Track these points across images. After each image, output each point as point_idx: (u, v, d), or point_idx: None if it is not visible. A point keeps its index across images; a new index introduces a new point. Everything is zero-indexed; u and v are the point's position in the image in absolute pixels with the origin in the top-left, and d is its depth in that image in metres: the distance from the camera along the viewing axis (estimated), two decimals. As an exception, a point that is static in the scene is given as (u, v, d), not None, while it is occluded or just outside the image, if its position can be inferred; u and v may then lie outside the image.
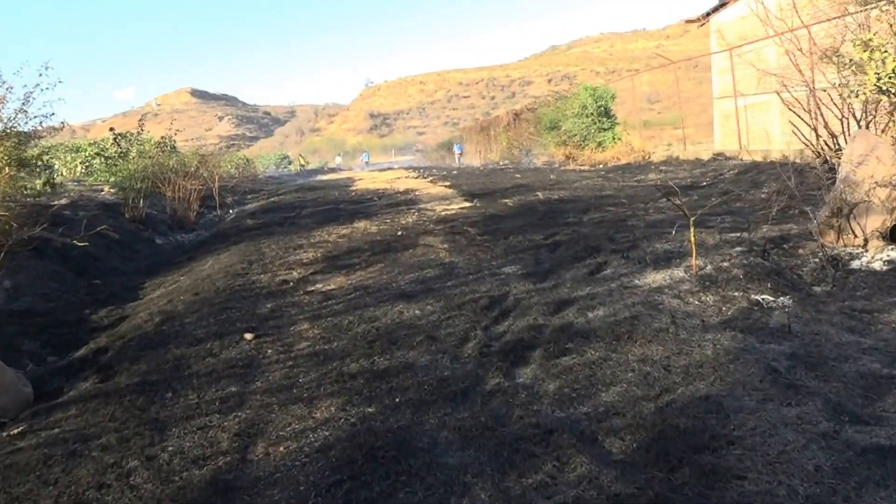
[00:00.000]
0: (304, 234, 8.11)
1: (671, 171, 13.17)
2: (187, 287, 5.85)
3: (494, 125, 33.47)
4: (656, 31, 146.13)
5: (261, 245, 7.48)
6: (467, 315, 4.32)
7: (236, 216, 11.62)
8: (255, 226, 9.27)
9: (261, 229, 8.81)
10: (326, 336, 4.14)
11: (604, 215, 7.72)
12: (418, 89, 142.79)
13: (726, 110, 18.44)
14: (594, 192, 10.39)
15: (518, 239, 6.51)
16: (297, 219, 9.67)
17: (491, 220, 7.77)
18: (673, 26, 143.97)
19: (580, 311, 4.21)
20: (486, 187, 12.02)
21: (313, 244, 7.21)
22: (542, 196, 9.79)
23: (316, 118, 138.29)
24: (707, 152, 15.27)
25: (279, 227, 8.80)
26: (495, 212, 8.50)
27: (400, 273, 5.49)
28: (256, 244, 7.58)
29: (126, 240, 9.25)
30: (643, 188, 10.83)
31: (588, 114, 19.42)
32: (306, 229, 8.46)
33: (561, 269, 5.32)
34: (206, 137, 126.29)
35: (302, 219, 9.63)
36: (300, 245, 7.24)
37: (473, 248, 6.20)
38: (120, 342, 4.57)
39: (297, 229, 8.55)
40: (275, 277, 5.75)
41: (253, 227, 9.09)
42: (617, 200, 9.17)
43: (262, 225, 9.26)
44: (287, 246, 7.26)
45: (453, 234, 6.97)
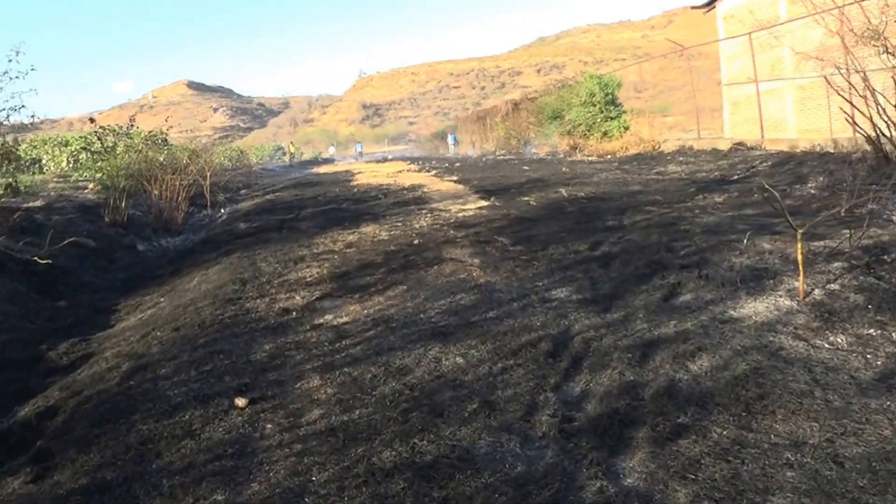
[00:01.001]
0: (306, 241, 6.95)
1: (691, 162, 12.07)
2: (167, 316, 4.70)
3: (491, 115, 32.22)
4: (641, 21, 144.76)
5: (256, 256, 6.32)
6: (527, 365, 3.21)
7: (228, 217, 10.41)
8: (249, 230, 8.08)
9: (255, 235, 7.63)
10: (345, 399, 3.01)
11: (646, 217, 6.61)
12: (410, 80, 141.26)
13: (736, 98, 17.33)
14: (619, 187, 9.28)
15: (559, 250, 5.38)
16: (296, 221, 8.50)
17: (518, 225, 6.64)
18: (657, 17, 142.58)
19: (677, 361, 3.10)
20: (499, 182, 10.87)
21: (317, 256, 6.05)
22: (565, 193, 8.66)
23: (309, 109, 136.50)
24: (724, 142, 14.17)
25: (276, 233, 7.63)
26: (520, 213, 7.37)
27: (427, 299, 4.35)
28: (251, 255, 6.41)
29: (104, 247, 8.05)
30: (670, 181, 9.73)
31: (595, 102, 18.26)
32: (307, 235, 7.30)
33: (625, 292, 4.21)
34: (200, 129, 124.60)
35: (301, 221, 8.45)
36: (302, 257, 6.08)
37: (510, 263, 5.07)
38: (74, 400, 3.42)
39: (297, 235, 7.38)
40: (273, 304, 4.60)
41: (247, 233, 7.91)
42: (650, 197, 8.07)
43: (257, 230, 8.07)
44: (286, 258, 6.10)
45: (480, 244, 5.83)
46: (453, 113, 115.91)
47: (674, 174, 10.71)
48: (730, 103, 17.53)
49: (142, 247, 8.75)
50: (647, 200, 7.80)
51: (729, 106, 17.55)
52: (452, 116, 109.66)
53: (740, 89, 17.00)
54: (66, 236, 7.97)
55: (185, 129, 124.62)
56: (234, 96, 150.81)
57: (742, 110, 17.06)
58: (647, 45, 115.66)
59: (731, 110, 17.48)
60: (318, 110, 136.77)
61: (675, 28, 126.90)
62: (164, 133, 27.38)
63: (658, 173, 11.03)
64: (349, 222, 7.95)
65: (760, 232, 5.43)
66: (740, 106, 17.13)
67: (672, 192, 8.51)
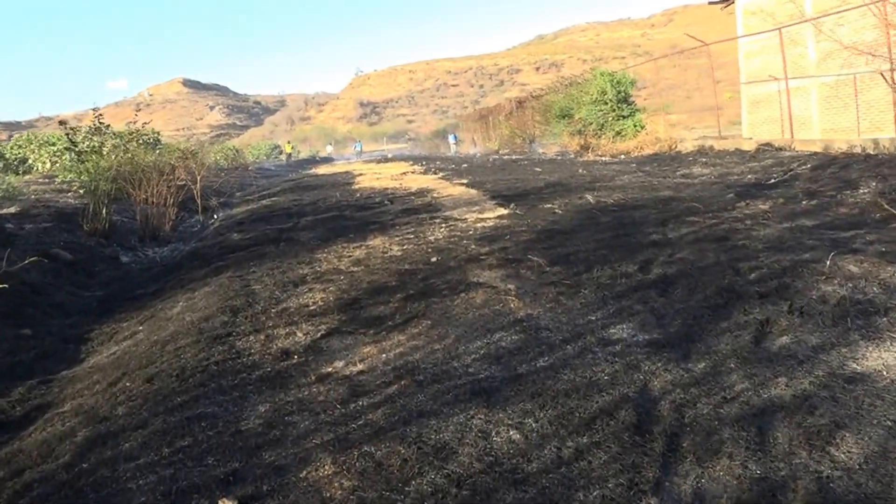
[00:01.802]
0: (306, 256, 6.14)
1: (718, 164, 11.28)
2: (142, 356, 3.88)
3: (494, 113, 31.41)
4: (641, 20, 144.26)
5: (250, 276, 5.50)
6: (607, 445, 2.42)
7: (221, 225, 9.58)
8: (242, 243, 7.26)
9: (250, 249, 6.81)
10: (368, 500, 2.21)
11: (693, 230, 5.82)
12: (408, 78, 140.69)
13: (756, 96, 16.57)
14: (649, 192, 8.49)
15: (605, 272, 4.59)
16: (295, 231, 7.68)
17: (549, 239, 5.84)
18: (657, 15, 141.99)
19: (813, 445, 2.31)
20: (514, 187, 10.07)
21: (320, 276, 5.24)
22: (591, 199, 7.87)
23: (306, 107, 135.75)
24: (748, 142, 13.39)
25: (273, 246, 6.82)
26: (546, 224, 6.57)
27: (459, 339, 3.55)
28: (244, 274, 5.60)
29: (82, 260, 7.23)
30: (702, 185, 8.94)
31: (607, 100, 17.46)
32: (308, 249, 6.49)
33: (702, 331, 3.42)
34: (197, 127, 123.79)
35: (301, 231, 7.64)
36: (303, 277, 5.27)
37: (551, 290, 4.28)
38: (9, 488, 2.62)
39: (297, 249, 6.57)
40: (270, 343, 3.79)
41: (240, 245, 7.09)
42: (687, 204, 7.29)
43: (251, 242, 7.25)
44: (285, 278, 5.29)
45: (510, 263, 5.03)
46: (452, 111, 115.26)
47: (702, 177, 9.93)
48: (748, 102, 16.77)
49: (125, 258, 7.93)
50: (686, 208, 7.01)
51: (747, 105, 16.79)
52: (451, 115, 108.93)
53: (760, 87, 16.23)
54: (38, 248, 7.16)
55: (181, 127, 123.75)
56: (231, 94, 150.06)
57: (762, 109, 16.30)
58: (647, 44, 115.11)
59: (749, 109, 16.71)
60: (315, 108, 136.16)
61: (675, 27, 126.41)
62: (154, 133, 26.52)
63: (684, 176, 10.25)
64: (354, 233, 7.14)
65: (837, 250, 4.65)
66: (760, 105, 16.36)
67: (709, 199, 7.73)
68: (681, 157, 13.52)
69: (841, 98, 13.90)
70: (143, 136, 25.33)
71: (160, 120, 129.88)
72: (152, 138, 25.71)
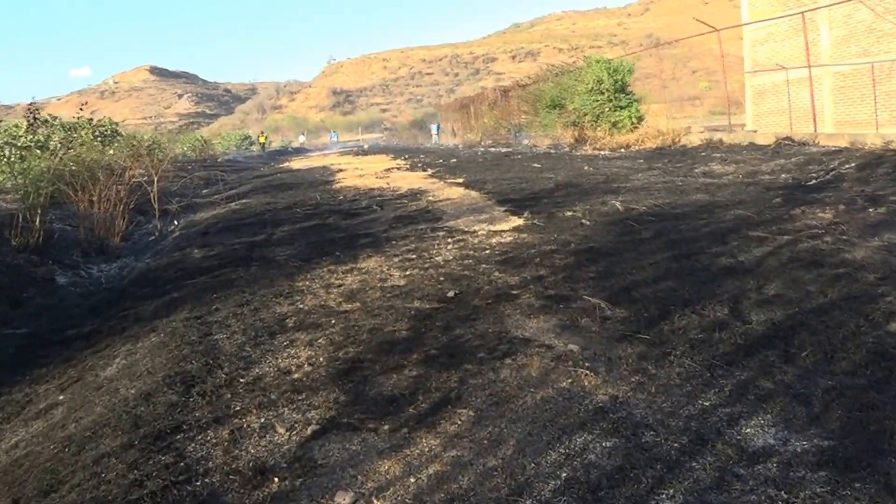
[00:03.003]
0: (284, 284, 4.89)
1: (739, 160, 10.25)
2: (43, 471, 2.62)
3: (477, 102, 30.15)
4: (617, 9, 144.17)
5: (211, 318, 4.23)
6: None
7: (181, 234, 8.21)
8: (204, 263, 5.95)
9: (213, 272, 5.51)
10: None
11: (767, 250, 4.73)
12: (381, 66, 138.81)
13: (761, 86, 15.62)
14: (679, 195, 7.40)
15: (689, 318, 3.45)
16: (269, 246, 6.40)
17: (590, 262, 4.69)
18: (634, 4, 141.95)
19: None
20: (520, 187, 8.89)
21: (304, 320, 4.00)
22: (619, 206, 6.74)
23: (278, 95, 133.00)
24: (763, 136, 12.40)
25: (242, 269, 5.53)
26: (578, 240, 5.41)
27: (522, 448, 2.36)
28: (204, 314, 4.33)
29: (5, 283, 5.86)
30: (736, 187, 7.88)
31: (603, 89, 16.35)
32: (286, 273, 5.23)
33: (886, 431, 2.31)
34: (165, 115, 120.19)
35: (277, 247, 6.36)
36: (281, 320, 4.03)
37: (627, 350, 3.12)
38: None
39: (272, 273, 5.31)
40: (237, 448, 2.56)
41: (201, 267, 5.78)
42: (733, 211, 6.22)
43: (215, 262, 5.94)
44: (258, 323, 4.04)
45: (554, 302, 3.86)
46: (427, 100, 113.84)
47: (728, 176, 8.88)
48: (753, 92, 15.83)
49: (63, 279, 6.55)
50: (736, 218, 5.94)
51: (752, 95, 15.86)
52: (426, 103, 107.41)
53: (766, 77, 15.30)
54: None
55: (149, 115, 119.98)
56: (199, 82, 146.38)
57: (768, 100, 15.37)
58: (623, 33, 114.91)
59: (754, 100, 15.78)
60: (287, 97, 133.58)
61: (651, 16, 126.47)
62: (112, 123, 24.61)
63: (706, 175, 9.19)
64: (342, 250, 5.89)
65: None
66: (766, 95, 15.43)
67: (753, 204, 6.67)
68: (690, 152, 12.49)
69: (857, 88, 13.01)
70: (100, 127, 23.49)
71: (126, 108, 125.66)
72: (109, 129, 23.83)
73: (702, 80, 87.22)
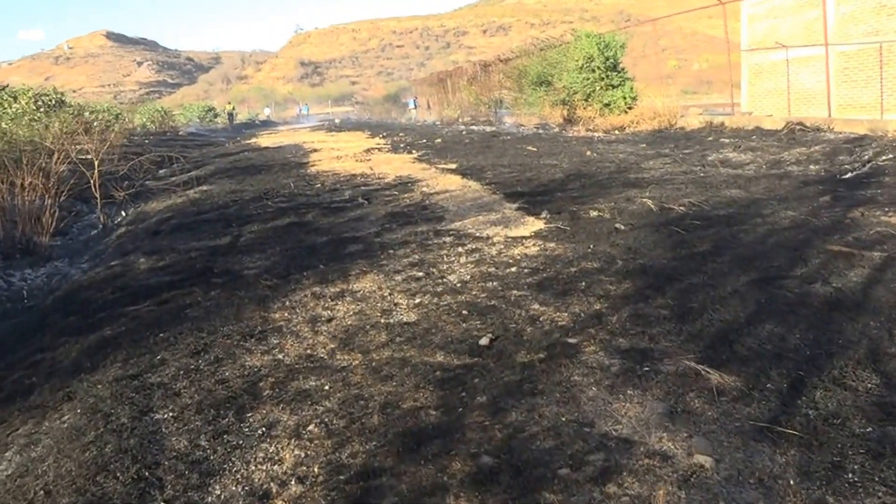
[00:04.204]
0: (256, 317, 3.69)
1: (753, 147, 9.28)
2: None
3: (455, 77, 28.68)
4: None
5: (154, 381, 3.02)
6: None
7: (128, 232, 6.83)
8: (151, 280, 4.66)
9: (163, 296, 4.25)
10: None
11: (864, 272, 3.73)
12: (351, 37, 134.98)
13: (759, 66, 14.70)
14: (709, 189, 6.37)
15: (833, 393, 2.41)
16: (235, 255, 5.15)
17: (652, 290, 3.60)
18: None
19: None
20: (524, 178, 7.74)
21: (285, 379, 2.83)
22: (651, 204, 5.67)
23: (243, 65, 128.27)
24: (770, 121, 11.48)
25: (201, 290, 4.29)
26: (621, 253, 4.33)
27: None
28: (144, 373, 3.11)
29: None
30: (767, 180, 6.89)
31: (594, 67, 15.21)
32: (258, 299, 4.02)
33: None
34: (124, 84, 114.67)
35: (244, 255, 5.12)
36: (254, 383, 2.85)
37: (778, 459, 2.06)
38: None
39: (240, 296, 4.09)
40: None
41: (147, 287, 4.50)
42: (784, 214, 5.23)
43: (165, 279, 4.65)
44: (219, 388, 2.85)
45: (634, 360, 2.78)
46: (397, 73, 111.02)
47: (750, 166, 7.89)
48: (750, 72, 14.90)
49: (-25, 292, 5.20)
50: (791, 222, 4.95)
51: (748, 75, 14.93)
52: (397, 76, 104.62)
53: (764, 56, 14.36)
54: None
55: (107, 83, 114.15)
56: (160, 50, 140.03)
57: (765, 80, 14.47)
58: (594, 9, 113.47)
59: (750, 80, 14.86)
60: (253, 67, 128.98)
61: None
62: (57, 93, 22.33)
63: (724, 163, 8.19)
64: (328, 262, 4.69)
65: None
66: (763, 75, 14.52)
67: (797, 201, 5.71)
68: (694, 136, 11.50)
69: (863, 70, 12.15)
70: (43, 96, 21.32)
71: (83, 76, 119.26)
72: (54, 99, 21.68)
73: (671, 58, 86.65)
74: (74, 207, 9.35)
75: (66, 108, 22.52)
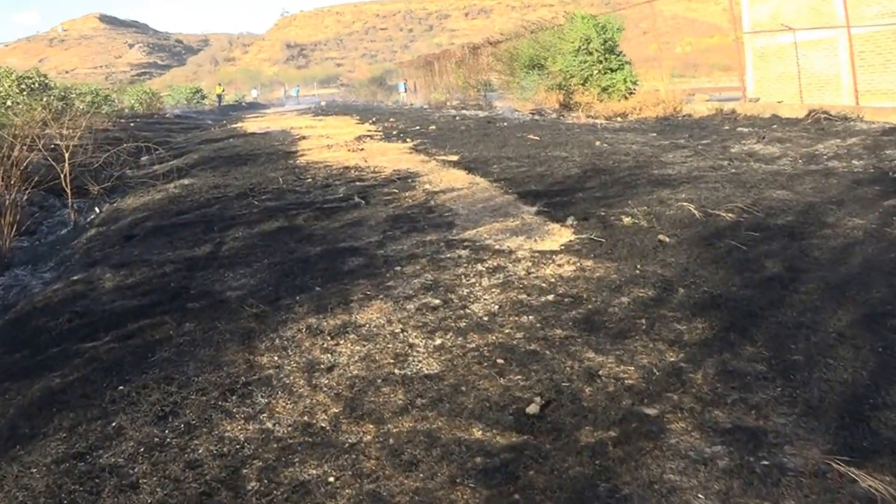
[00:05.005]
0: (239, 361, 2.90)
1: (781, 137, 8.51)
2: None
3: (442, 59, 27.59)
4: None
5: (104, 463, 2.23)
6: None
7: (98, 235, 5.92)
8: (116, 304, 3.81)
9: (127, 326, 3.42)
10: None
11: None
12: (335, 20, 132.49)
13: (764, 49, 13.92)
14: (747, 188, 5.61)
15: None
16: (216, 270, 4.32)
17: (733, 331, 2.84)
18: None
19: None
20: (535, 172, 6.92)
21: (277, 467, 2.05)
22: (692, 208, 4.90)
23: (230, 47, 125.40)
24: (787, 108, 10.74)
25: (174, 318, 3.45)
26: (680, 278, 3.56)
27: None
28: (94, 450, 2.31)
29: None
30: (811, 178, 6.14)
31: (592, 49, 14.33)
32: (241, 334, 3.22)
33: None
34: (116, 65, 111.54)
35: (227, 270, 4.28)
36: (235, 469, 2.06)
37: None
38: None
39: (219, 329, 3.28)
40: None
41: (111, 314, 3.65)
42: (844, 218, 4.50)
43: (132, 304, 3.79)
44: (190, 481, 2.07)
45: (748, 450, 2.03)
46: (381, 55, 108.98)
47: (783, 160, 7.13)
48: (754, 56, 14.12)
49: None
50: (865, 232, 4.21)
51: (753, 59, 14.15)
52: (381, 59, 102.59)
53: (770, 39, 13.58)
54: None
55: (100, 65, 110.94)
56: (150, 32, 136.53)
57: (771, 65, 13.70)
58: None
59: (755, 64, 14.09)
60: (240, 49, 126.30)
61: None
62: (40, 75, 20.98)
63: (753, 156, 7.43)
64: (324, 281, 3.88)
65: None
66: (769, 59, 13.75)
67: (857, 204, 4.97)
68: (706, 125, 10.73)
69: (881, 53, 11.42)
70: (26, 78, 19.99)
71: (76, 57, 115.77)
72: (37, 82, 20.38)
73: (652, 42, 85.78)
74: (46, 202, 8.42)
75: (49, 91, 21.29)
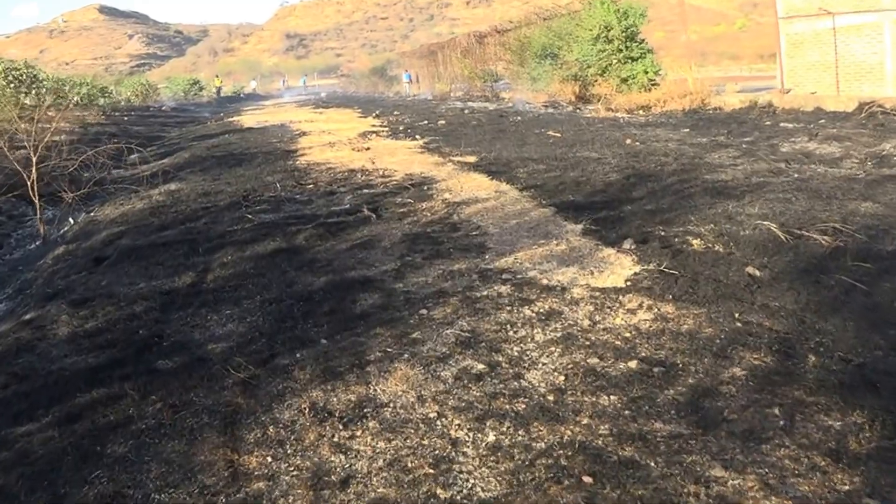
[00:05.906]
0: (219, 467, 2.06)
1: (836, 135, 7.60)
2: None
3: (447, 49, 26.55)
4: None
5: None
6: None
7: (66, 254, 5.04)
8: (66, 363, 2.97)
9: (75, 394, 2.58)
10: None
11: None
12: (335, 10, 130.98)
13: (799, 36, 12.93)
14: (826, 201, 4.74)
15: None
16: (196, 307, 3.47)
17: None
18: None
19: None
20: (570, 178, 6.03)
21: None
22: (774, 228, 4.04)
23: (230, 38, 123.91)
24: (829, 100, 9.82)
25: (136, 382, 2.60)
26: (800, 337, 2.70)
27: None
28: None
29: None
30: (887, 182, 5.26)
31: (612, 37, 13.37)
32: (222, 417, 2.38)
33: None
34: (116, 56, 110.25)
35: (209, 311, 3.43)
36: None
37: None
38: None
39: (193, 410, 2.44)
40: None
41: (56, 382, 2.81)
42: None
43: (86, 365, 2.94)
44: None
45: None
46: (381, 45, 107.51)
47: (846, 162, 6.22)
48: (788, 43, 13.14)
49: None
50: None
51: (787, 47, 13.17)
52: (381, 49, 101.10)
53: (805, 24, 12.59)
54: None
55: (99, 56, 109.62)
56: (150, 22, 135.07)
57: (806, 52, 12.72)
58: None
59: (789, 52, 13.11)
60: (239, 39, 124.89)
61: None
62: (28, 67, 20.04)
63: (810, 156, 6.53)
64: (331, 330, 3.03)
65: None
66: (804, 46, 12.77)
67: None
68: (740, 117, 9.82)
69: (928, 40, 10.47)
70: (14, 70, 19.02)
71: (76, 48, 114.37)
72: (26, 74, 19.43)
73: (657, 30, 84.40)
74: (16, 210, 7.58)
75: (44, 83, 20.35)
